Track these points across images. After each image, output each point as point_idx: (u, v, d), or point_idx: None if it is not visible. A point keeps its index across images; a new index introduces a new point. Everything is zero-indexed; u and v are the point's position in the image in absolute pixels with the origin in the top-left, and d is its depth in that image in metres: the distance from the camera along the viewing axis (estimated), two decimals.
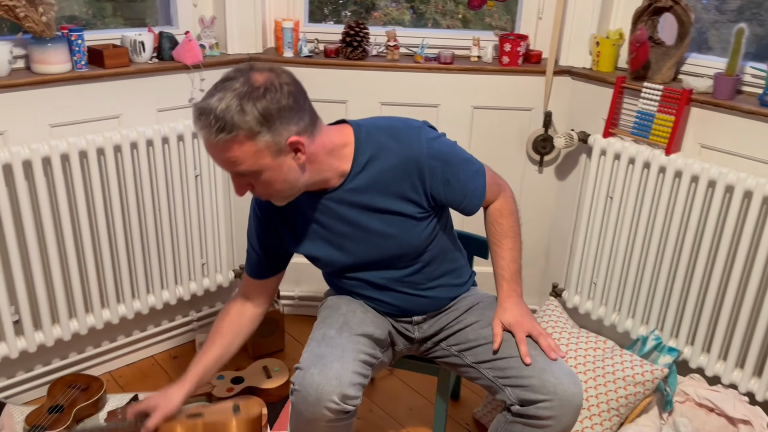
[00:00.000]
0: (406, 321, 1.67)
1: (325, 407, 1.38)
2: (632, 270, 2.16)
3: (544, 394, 1.41)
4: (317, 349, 1.48)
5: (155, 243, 2.18)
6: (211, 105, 1.24)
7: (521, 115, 2.36)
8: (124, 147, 2.01)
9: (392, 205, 1.46)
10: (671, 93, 1.99)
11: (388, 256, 1.54)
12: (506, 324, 1.53)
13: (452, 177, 1.46)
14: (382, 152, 1.43)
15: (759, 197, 1.81)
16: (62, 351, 2.19)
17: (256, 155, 1.28)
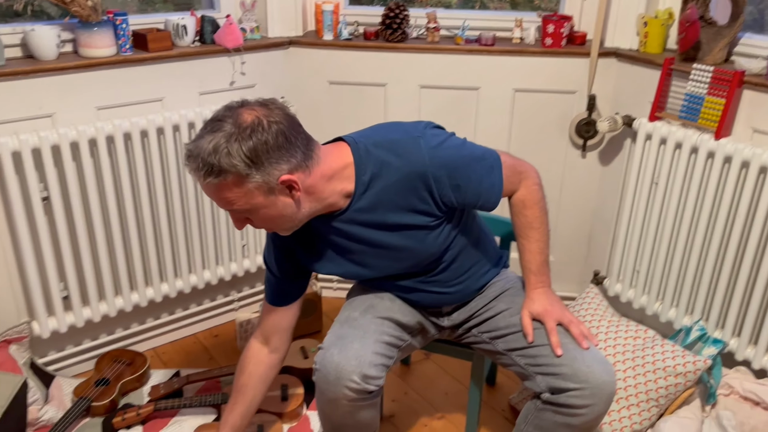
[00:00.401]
0: (436, 312, 1.67)
1: (345, 386, 1.39)
2: (677, 258, 2.09)
3: (576, 382, 1.39)
4: (339, 330, 1.49)
5: (197, 224, 2.23)
6: (200, 148, 1.23)
7: (564, 99, 2.30)
8: (166, 129, 2.05)
9: (403, 219, 1.42)
10: (722, 75, 1.91)
11: (408, 265, 1.52)
12: (535, 314, 1.51)
13: (462, 181, 1.39)
14: (384, 169, 1.37)
15: None
16: (109, 327, 2.27)
17: (248, 196, 1.27)
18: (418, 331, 1.64)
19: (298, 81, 2.39)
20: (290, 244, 1.54)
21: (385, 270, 1.53)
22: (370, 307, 1.56)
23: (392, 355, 1.51)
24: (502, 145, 2.39)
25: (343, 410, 1.45)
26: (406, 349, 1.61)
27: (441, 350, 1.87)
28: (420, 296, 1.60)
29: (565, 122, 2.34)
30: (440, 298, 1.61)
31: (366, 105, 2.40)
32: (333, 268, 1.53)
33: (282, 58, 2.34)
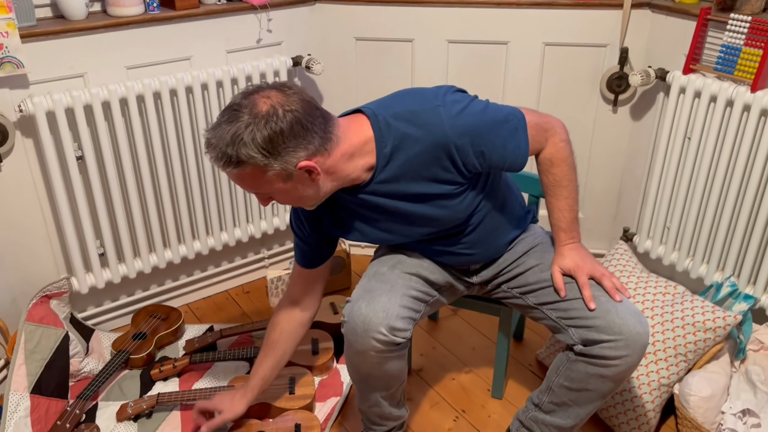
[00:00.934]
0: (464, 270, 1.68)
1: (372, 338, 1.42)
2: (709, 214, 2.07)
3: (610, 334, 1.39)
4: (367, 284, 1.52)
5: (227, 182, 2.26)
6: (218, 138, 1.25)
7: (595, 52, 2.25)
8: (195, 88, 2.06)
9: (426, 189, 1.42)
10: (760, 24, 1.84)
11: (435, 231, 1.53)
12: (566, 270, 1.51)
13: (486, 147, 1.37)
14: (405, 141, 1.36)
15: None
16: (144, 283, 2.33)
17: (268, 183, 1.30)
18: (446, 288, 1.66)
19: (325, 38, 2.37)
20: (316, 214, 1.56)
21: (411, 236, 1.54)
22: (398, 262, 1.58)
23: (419, 309, 1.53)
24: (531, 101, 2.36)
25: (371, 361, 1.48)
26: (434, 305, 1.63)
27: (468, 306, 1.89)
28: (447, 258, 1.62)
29: (596, 76, 2.29)
30: (467, 258, 1.62)
31: (393, 61, 2.38)
32: (359, 237, 1.55)
33: (308, 15, 2.33)
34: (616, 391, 1.81)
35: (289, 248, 2.65)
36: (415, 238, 1.56)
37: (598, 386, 1.46)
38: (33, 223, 2.01)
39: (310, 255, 1.64)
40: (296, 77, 2.37)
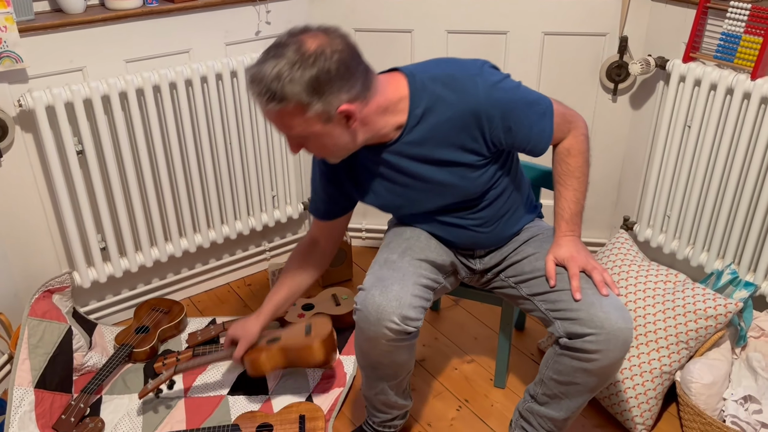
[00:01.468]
0: (469, 254, 1.68)
1: (385, 327, 1.43)
2: (709, 202, 2.07)
3: (591, 327, 1.39)
4: (379, 272, 1.52)
5: (227, 175, 2.26)
6: (263, 73, 1.25)
7: (595, 41, 2.25)
8: (194, 81, 2.06)
9: (451, 156, 1.43)
10: (760, 12, 1.84)
11: (450, 203, 1.55)
12: (560, 259, 1.52)
13: (514, 123, 1.40)
14: (438, 104, 1.39)
15: None
16: (146, 276, 2.33)
17: (307, 123, 1.30)
18: (451, 271, 1.67)
19: None
20: (336, 172, 1.58)
21: (427, 204, 1.55)
22: (407, 249, 1.59)
23: (429, 297, 1.54)
24: None
25: (382, 349, 1.49)
26: (440, 291, 1.64)
27: (470, 296, 1.90)
28: (457, 234, 1.62)
29: (596, 65, 2.29)
30: (476, 237, 1.62)
31: (393, 52, 2.38)
32: (373, 199, 1.57)
33: (307, 6, 2.32)
34: (612, 383, 1.82)
35: (291, 240, 2.65)
36: (428, 208, 1.57)
37: (585, 380, 1.47)
38: (34, 218, 2.01)
39: (325, 210, 1.68)
40: None
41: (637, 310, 1.87)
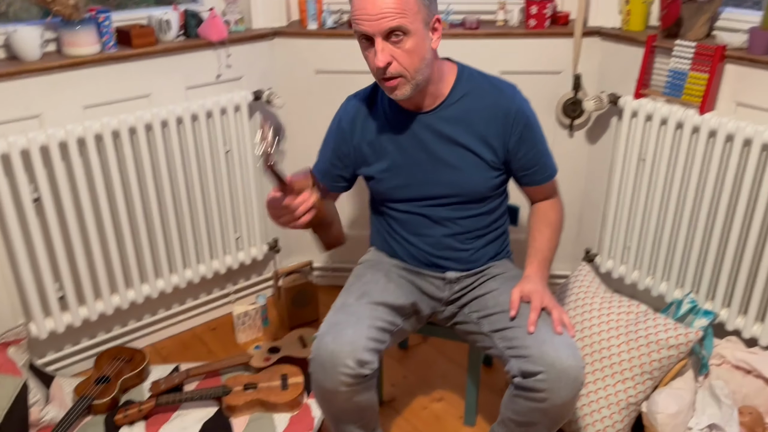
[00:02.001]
0: (439, 277, 1.69)
1: (341, 372, 1.42)
2: (666, 233, 2.13)
3: (542, 365, 1.41)
4: (334, 317, 1.52)
5: (189, 219, 2.24)
6: None
7: (550, 79, 2.32)
8: (155, 125, 2.05)
9: (472, 144, 1.55)
10: (704, 50, 1.93)
11: (451, 193, 1.60)
12: (525, 293, 1.54)
13: (529, 140, 1.57)
14: (478, 93, 1.55)
15: None
16: (106, 324, 2.27)
17: (415, 15, 1.38)
18: (411, 313, 1.67)
19: (285, 71, 2.39)
20: (355, 131, 1.62)
21: (431, 188, 1.60)
22: (364, 293, 1.59)
23: (385, 340, 1.54)
24: None
25: (342, 396, 1.47)
26: (398, 334, 1.64)
27: (437, 333, 1.90)
28: (437, 241, 1.65)
29: (552, 102, 2.35)
30: (453, 251, 1.66)
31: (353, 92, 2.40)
32: (382, 167, 1.61)
33: (267, 49, 2.34)
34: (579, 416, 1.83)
35: (255, 281, 2.62)
36: (430, 193, 1.61)
37: (542, 420, 1.47)
38: None
39: (322, 180, 1.70)
40: (257, 111, 2.37)
41: (602, 342, 1.89)
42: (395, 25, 1.37)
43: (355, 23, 1.41)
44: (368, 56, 1.44)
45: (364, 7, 1.37)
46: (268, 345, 2.26)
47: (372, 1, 1.36)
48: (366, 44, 1.43)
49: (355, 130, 1.61)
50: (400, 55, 1.41)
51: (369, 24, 1.37)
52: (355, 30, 1.42)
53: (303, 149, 2.50)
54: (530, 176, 1.64)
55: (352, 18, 1.41)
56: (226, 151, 2.26)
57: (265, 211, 2.53)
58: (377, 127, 1.59)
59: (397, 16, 1.36)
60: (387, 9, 1.35)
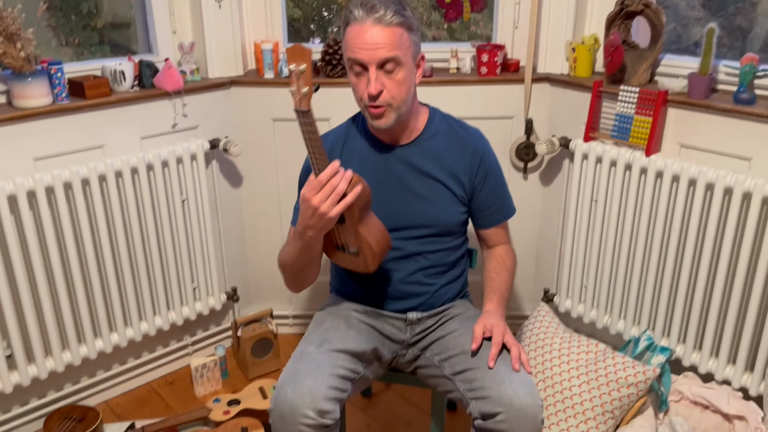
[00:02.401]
0: (400, 318, 1.69)
1: (301, 423, 1.39)
2: (621, 271, 2.17)
3: (501, 406, 1.41)
4: (293, 366, 1.50)
5: (145, 270, 2.19)
6: (391, 3, 1.43)
7: (503, 124, 2.38)
8: (108, 176, 2.02)
9: (443, 178, 1.62)
10: (647, 95, 2.01)
11: (423, 224, 1.63)
12: (488, 327, 1.56)
13: (492, 180, 1.67)
14: (449, 132, 1.65)
15: (739, 193, 1.83)
16: (57, 383, 2.18)
17: (407, 49, 1.47)
18: (373, 359, 1.65)
19: (242, 120, 2.39)
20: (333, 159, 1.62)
21: (402, 219, 1.63)
22: (325, 340, 1.57)
23: (346, 389, 1.52)
24: None
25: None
26: (360, 382, 1.61)
27: (400, 380, 1.88)
28: (402, 277, 1.66)
29: (506, 146, 2.41)
30: (417, 285, 1.67)
31: None
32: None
33: (224, 98, 2.35)
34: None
35: (213, 332, 2.57)
36: (401, 224, 1.62)
37: None
38: None
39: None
40: (214, 159, 2.36)
41: (563, 383, 1.90)
42: (391, 56, 1.44)
43: (350, 51, 1.46)
44: (358, 83, 1.50)
45: (361, 37, 1.44)
46: (228, 397, 2.20)
47: (370, 32, 1.43)
48: (357, 72, 1.48)
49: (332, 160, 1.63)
50: (391, 85, 1.48)
51: (366, 53, 1.44)
52: (349, 57, 1.48)
53: (261, 196, 2.49)
54: (489, 216, 1.71)
55: (347, 46, 1.48)
56: (182, 200, 2.24)
57: (222, 258, 2.49)
58: (353, 163, 1.62)
59: (393, 48, 1.44)
60: (384, 40, 1.43)
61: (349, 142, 1.66)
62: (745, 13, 2.27)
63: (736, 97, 1.89)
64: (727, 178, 1.84)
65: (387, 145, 1.62)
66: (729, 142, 1.92)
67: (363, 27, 1.44)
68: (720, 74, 2.02)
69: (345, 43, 1.49)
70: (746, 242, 1.85)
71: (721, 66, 2.01)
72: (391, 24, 1.43)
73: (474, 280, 2.04)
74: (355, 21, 1.45)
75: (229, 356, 2.54)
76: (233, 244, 2.52)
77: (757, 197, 1.80)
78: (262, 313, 2.49)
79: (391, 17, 1.43)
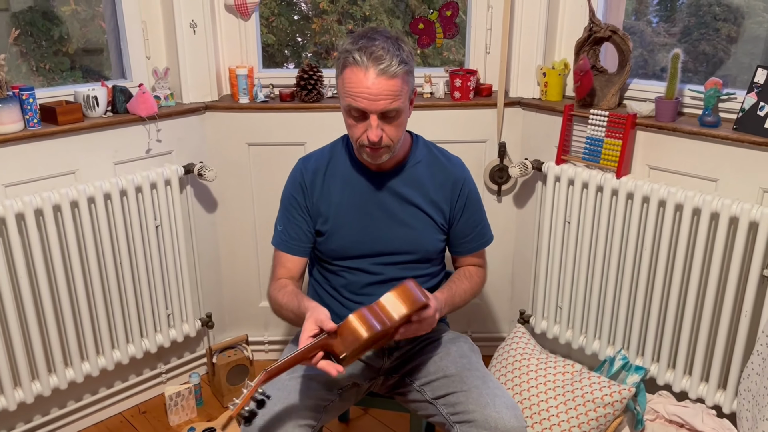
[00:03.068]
0: (380, 352, 1.67)
1: None
2: (594, 292, 2.20)
3: (486, 429, 1.42)
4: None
5: (118, 297, 2.16)
6: (386, 45, 1.41)
7: (476, 148, 2.41)
8: (81, 202, 1.99)
9: (424, 206, 1.63)
10: (617, 118, 2.06)
11: (404, 250, 1.64)
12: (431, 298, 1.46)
13: (471, 208, 1.69)
14: (431, 161, 1.66)
15: (707, 214, 1.87)
16: (26, 414, 2.13)
17: (405, 94, 1.47)
18: (348, 386, 1.64)
19: (217, 144, 2.39)
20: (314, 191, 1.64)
21: (385, 246, 1.63)
22: (297, 368, 1.56)
23: (318, 416, 1.50)
24: None
25: None
26: (333, 409, 1.59)
27: (378, 404, 1.87)
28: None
29: (479, 170, 2.44)
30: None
31: (287, 165, 2.38)
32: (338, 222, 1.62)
33: (198, 123, 2.34)
34: None
35: (188, 359, 2.53)
36: (383, 249, 1.63)
37: None
38: None
39: (289, 243, 1.66)
40: (189, 184, 2.35)
41: (540, 404, 1.91)
42: (393, 108, 1.44)
43: (350, 98, 1.44)
44: (356, 126, 1.49)
45: (363, 85, 1.41)
46: (203, 426, 2.17)
47: (374, 82, 1.40)
48: (356, 116, 1.47)
49: (314, 188, 1.64)
50: (390, 130, 1.49)
51: (368, 103, 1.42)
52: (349, 105, 1.46)
53: (236, 221, 2.48)
54: (466, 244, 1.72)
55: (346, 90, 1.45)
56: (156, 225, 2.22)
57: (197, 284, 2.47)
58: (336, 182, 1.63)
59: (395, 99, 1.44)
60: (387, 92, 1.42)
61: (333, 164, 1.66)
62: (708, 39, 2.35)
63: (701, 120, 1.95)
64: (695, 198, 1.89)
65: (371, 172, 1.63)
66: (696, 164, 1.97)
67: (366, 75, 1.41)
68: (685, 98, 2.07)
69: (343, 86, 1.46)
70: (715, 261, 1.89)
71: (687, 90, 2.07)
72: (396, 75, 1.41)
73: None
74: (356, 66, 1.42)
75: (204, 384, 2.50)
76: (208, 270, 2.49)
77: (725, 217, 1.84)
78: (238, 339, 2.46)
79: (396, 68, 1.41)
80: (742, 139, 1.84)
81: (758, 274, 1.83)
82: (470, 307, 2.62)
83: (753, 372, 1.81)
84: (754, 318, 1.88)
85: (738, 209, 1.82)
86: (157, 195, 2.19)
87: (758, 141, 1.82)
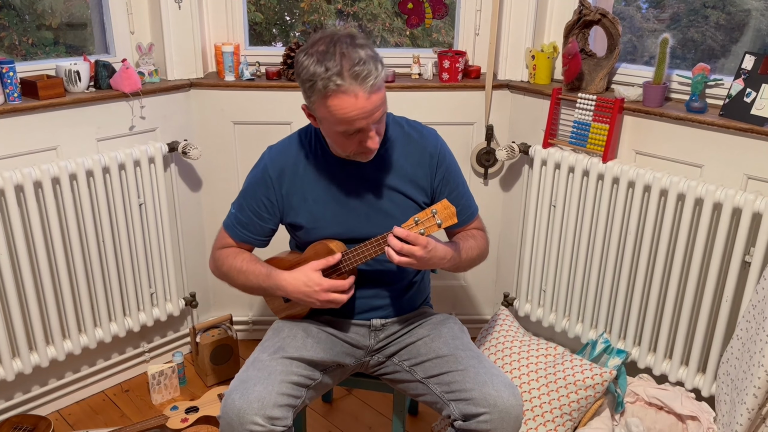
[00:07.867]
0: (364, 325, 1.67)
1: (248, 430, 1.38)
2: (578, 275, 2.21)
3: (484, 406, 1.43)
4: (244, 373, 1.49)
5: (100, 275, 2.14)
6: (366, 55, 1.36)
7: (464, 130, 2.40)
8: (62, 179, 1.97)
9: (404, 188, 1.59)
10: (604, 102, 2.05)
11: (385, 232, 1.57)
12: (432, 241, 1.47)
13: (451, 181, 1.64)
14: (404, 138, 1.61)
15: (691, 199, 1.88)
16: (7, 392, 2.11)
17: (384, 96, 1.44)
18: (332, 368, 1.64)
19: (202, 122, 2.36)
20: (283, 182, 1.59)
21: (359, 233, 1.58)
22: (280, 348, 1.56)
23: (300, 395, 1.50)
24: None
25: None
26: (317, 388, 1.60)
27: (362, 385, 1.87)
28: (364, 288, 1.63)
29: (467, 152, 2.43)
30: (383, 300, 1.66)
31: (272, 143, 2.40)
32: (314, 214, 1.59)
33: (183, 101, 2.31)
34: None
35: (172, 339, 2.52)
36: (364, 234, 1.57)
37: None
38: None
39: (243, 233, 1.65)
40: (173, 162, 2.32)
41: (523, 386, 1.92)
42: (383, 111, 1.44)
43: (345, 124, 1.39)
44: (348, 141, 1.44)
45: (357, 108, 1.36)
46: (186, 405, 2.17)
47: (366, 101, 1.36)
48: (350, 134, 1.43)
49: (283, 180, 1.59)
50: (380, 128, 1.48)
51: (367, 120, 1.39)
52: (344, 129, 1.40)
53: (221, 200, 2.46)
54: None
55: (337, 119, 1.39)
56: (139, 203, 2.19)
57: (181, 263, 2.45)
58: (308, 177, 1.59)
59: (384, 102, 1.43)
60: (378, 101, 1.40)
61: (302, 160, 1.60)
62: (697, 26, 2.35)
63: (688, 105, 1.95)
64: (680, 184, 1.90)
65: (344, 161, 1.56)
66: (682, 150, 1.98)
67: (357, 98, 1.35)
68: (673, 83, 2.08)
69: (329, 114, 1.39)
70: (698, 247, 1.90)
71: (674, 75, 2.07)
72: (380, 81, 1.38)
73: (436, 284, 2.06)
74: (342, 93, 1.35)
75: (187, 363, 2.49)
76: (192, 249, 2.48)
77: (708, 203, 1.85)
78: (222, 318, 2.45)
79: (379, 75, 1.37)
80: (728, 126, 1.85)
81: (740, 259, 1.84)
82: (455, 289, 2.63)
83: (732, 356, 1.83)
84: (735, 303, 1.90)
85: (722, 195, 1.83)
86: (141, 173, 2.17)
87: (744, 127, 1.82)
